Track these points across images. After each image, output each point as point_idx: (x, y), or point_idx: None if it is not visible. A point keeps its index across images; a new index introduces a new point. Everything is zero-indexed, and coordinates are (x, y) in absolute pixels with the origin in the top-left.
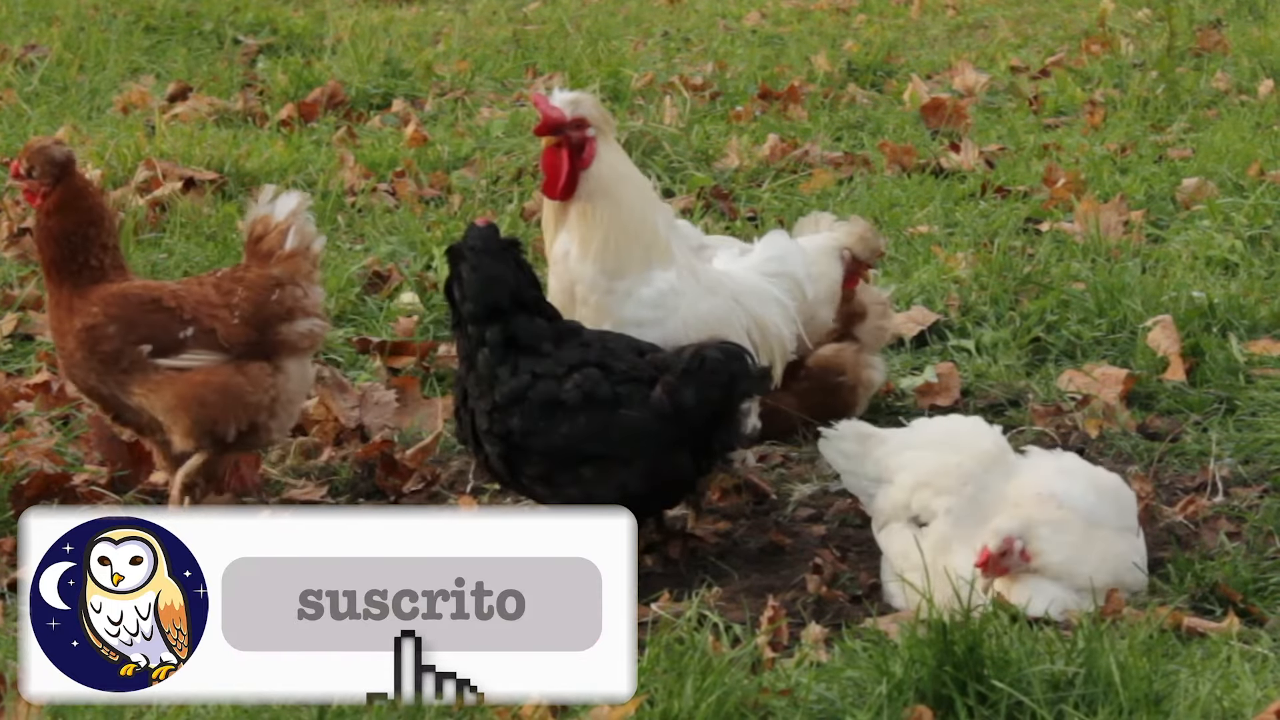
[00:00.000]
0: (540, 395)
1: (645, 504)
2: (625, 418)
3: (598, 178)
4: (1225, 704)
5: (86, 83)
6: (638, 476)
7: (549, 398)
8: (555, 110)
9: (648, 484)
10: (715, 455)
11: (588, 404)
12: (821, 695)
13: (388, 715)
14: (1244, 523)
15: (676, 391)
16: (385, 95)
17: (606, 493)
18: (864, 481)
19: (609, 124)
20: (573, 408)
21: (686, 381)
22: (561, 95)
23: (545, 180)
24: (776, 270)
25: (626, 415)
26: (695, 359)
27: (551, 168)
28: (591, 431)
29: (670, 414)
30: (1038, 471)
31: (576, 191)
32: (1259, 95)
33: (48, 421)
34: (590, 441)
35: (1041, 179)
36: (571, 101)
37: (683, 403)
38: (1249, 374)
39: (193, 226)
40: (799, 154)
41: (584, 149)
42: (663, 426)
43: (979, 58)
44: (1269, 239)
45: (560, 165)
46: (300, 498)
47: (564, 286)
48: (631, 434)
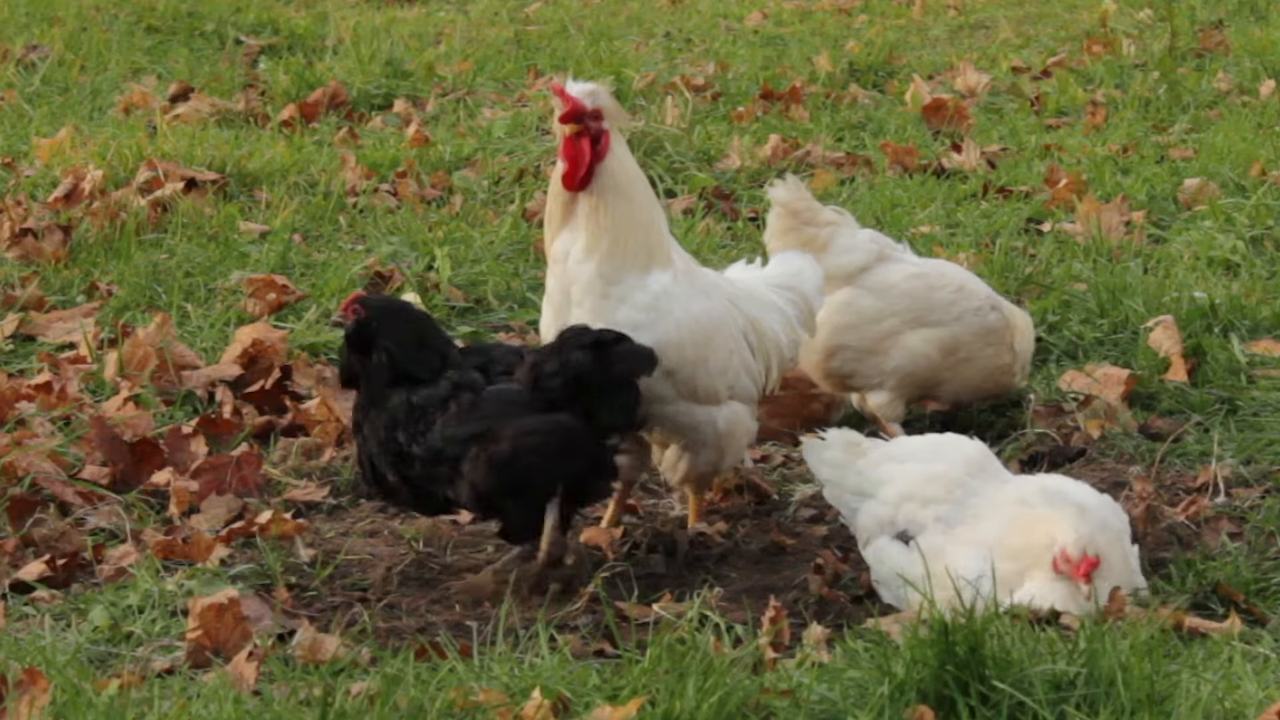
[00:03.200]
0: (421, 401)
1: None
2: (491, 392)
3: (610, 173)
4: (1227, 704)
5: (88, 83)
6: (514, 440)
7: (428, 402)
8: (579, 99)
9: (535, 450)
10: (610, 430)
11: (457, 392)
12: (823, 696)
13: (390, 716)
14: (1246, 523)
15: (537, 365)
16: (387, 96)
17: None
18: (846, 494)
19: (622, 116)
20: (444, 399)
21: (547, 354)
22: (579, 85)
23: (565, 170)
24: (786, 284)
25: (491, 390)
26: (559, 336)
27: (572, 157)
28: (461, 414)
29: (534, 383)
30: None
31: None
32: (1260, 96)
33: (49, 422)
34: (463, 424)
35: (1043, 179)
36: (589, 92)
37: (545, 371)
38: (1250, 374)
39: (194, 227)
40: (801, 154)
41: (601, 140)
42: (531, 396)
43: (980, 58)
44: (1270, 239)
45: (582, 154)
46: (301, 498)
47: (562, 287)
48: (500, 405)
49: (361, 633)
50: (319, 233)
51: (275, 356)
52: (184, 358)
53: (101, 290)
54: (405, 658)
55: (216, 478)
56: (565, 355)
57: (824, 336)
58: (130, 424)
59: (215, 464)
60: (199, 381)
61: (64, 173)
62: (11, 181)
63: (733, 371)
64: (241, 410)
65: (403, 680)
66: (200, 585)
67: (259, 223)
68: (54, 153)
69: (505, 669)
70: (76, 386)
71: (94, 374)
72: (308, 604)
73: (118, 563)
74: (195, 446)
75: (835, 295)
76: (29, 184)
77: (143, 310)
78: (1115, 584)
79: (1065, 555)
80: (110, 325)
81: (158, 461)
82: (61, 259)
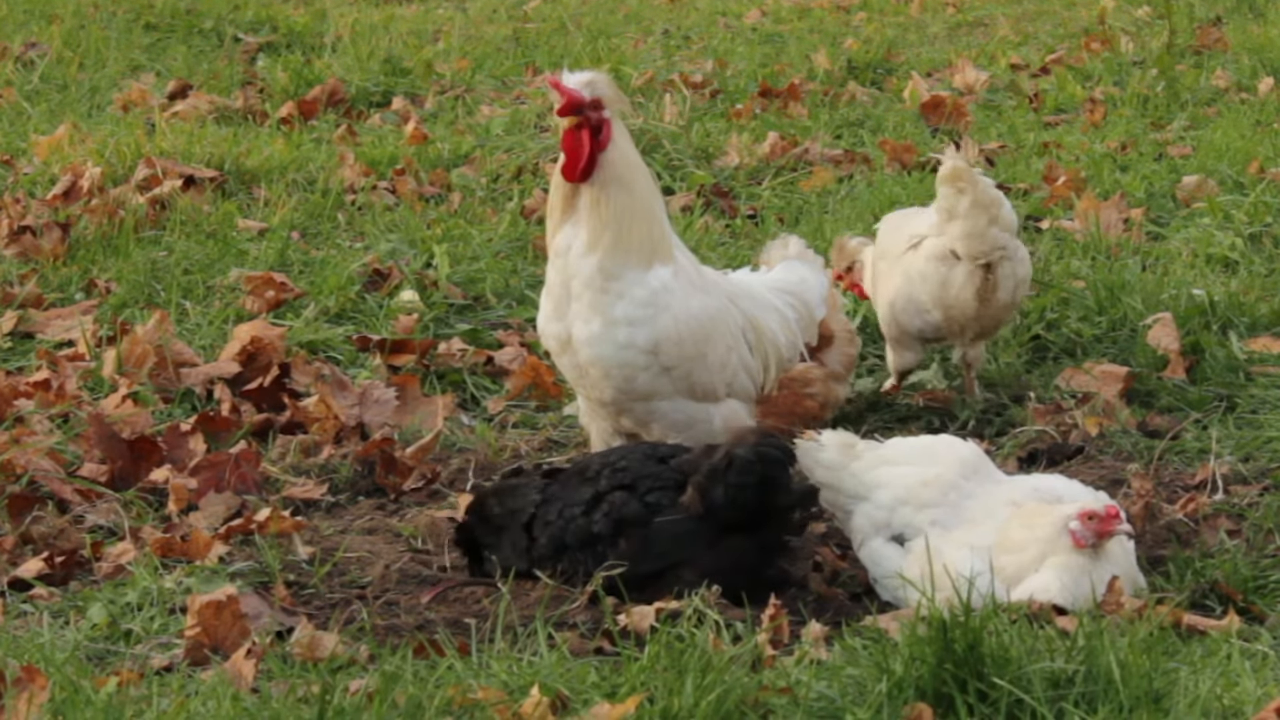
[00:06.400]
0: (576, 535)
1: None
2: (661, 526)
3: (611, 164)
4: (1225, 701)
5: (86, 80)
6: (698, 578)
7: (584, 535)
8: (575, 91)
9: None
10: (774, 552)
11: (621, 528)
12: (822, 693)
13: (389, 714)
14: (1244, 520)
15: (706, 491)
16: (385, 93)
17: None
18: (841, 497)
19: (623, 103)
20: (609, 536)
21: (715, 481)
22: (576, 76)
23: (565, 162)
24: (788, 290)
25: (661, 523)
26: (724, 459)
27: (572, 149)
28: (634, 552)
29: (704, 513)
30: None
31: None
32: (1259, 93)
33: (48, 420)
34: (640, 562)
35: (1041, 177)
36: (587, 82)
37: (714, 502)
38: (1249, 371)
39: (193, 224)
40: (799, 152)
41: (602, 130)
42: (700, 525)
43: (979, 55)
44: (1269, 236)
45: (581, 147)
46: (300, 496)
47: (563, 280)
48: (673, 540)
49: (360, 630)
50: (317, 230)
51: (274, 354)
52: (182, 355)
53: (100, 288)
54: (404, 655)
55: (215, 475)
56: (734, 490)
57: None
58: (129, 421)
59: (214, 461)
60: (197, 379)
61: (62, 170)
62: (10, 179)
63: (731, 369)
64: (240, 408)
65: (401, 678)
66: (199, 583)
67: (257, 220)
68: (52, 150)
69: (504, 666)
70: (75, 384)
71: (92, 371)
72: (306, 601)
73: (116, 560)
74: (194, 444)
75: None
76: (27, 181)
77: (141, 308)
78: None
79: (1087, 514)
80: (109, 323)
81: (156, 459)
82: (60, 256)
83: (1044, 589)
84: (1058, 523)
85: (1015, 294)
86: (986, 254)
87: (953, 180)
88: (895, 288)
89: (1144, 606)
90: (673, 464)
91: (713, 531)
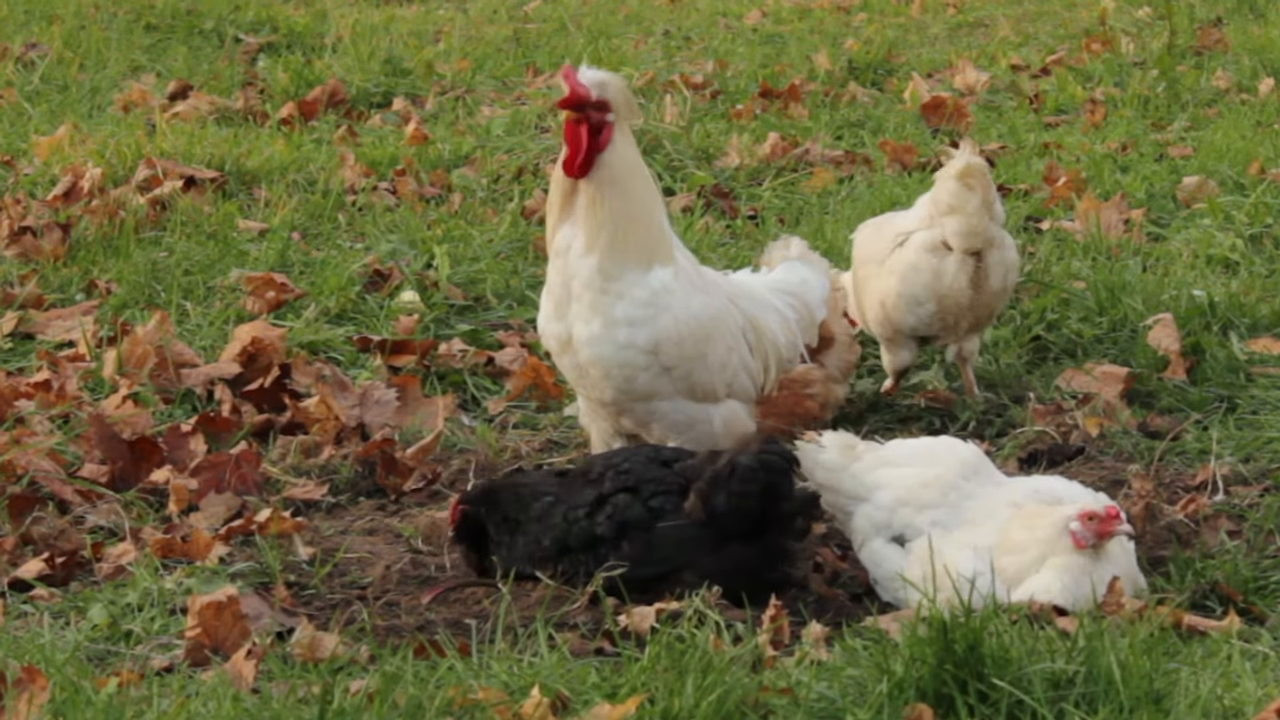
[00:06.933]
0: (578, 537)
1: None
2: (663, 531)
3: (609, 166)
4: (1226, 702)
5: (87, 81)
6: (700, 582)
7: (587, 536)
8: (582, 87)
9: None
10: (776, 556)
11: (624, 530)
12: (822, 694)
13: (389, 714)
14: (1244, 521)
15: (709, 498)
16: (386, 94)
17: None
18: (841, 498)
19: (632, 111)
20: (612, 538)
21: (717, 487)
22: (592, 74)
23: (565, 155)
24: (789, 291)
25: (664, 528)
26: (727, 466)
27: (573, 142)
28: (636, 555)
29: (707, 519)
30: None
31: (589, 176)
32: (1259, 94)
33: (48, 420)
34: (642, 565)
35: (1042, 177)
36: (600, 83)
37: (717, 508)
38: (1249, 372)
39: (193, 225)
40: (800, 152)
41: (601, 133)
42: (702, 531)
43: (980, 56)
44: (1269, 237)
45: (581, 140)
46: (300, 496)
47: (563, 280)
48: (675, 545)
49: (360, 631)
50: (318, 231)
51: (274, 354)
52: (183, 356)
53: (100, 288)
54: (404, 656)
55: (215, 476)
56: (737, 497)
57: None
58: (129, 422)
59: (214, 462)
60: (198, 379)
61: (63, 171)
62: (10, 179)
63: (731, 369)
64: (240, 408)
65: (401, 678)
66: (199, 583)
67: (258, 221)
68: (53, 151)
69: (504, 667)
70: (75, 384)
71: (93, 372)
72: (306, 602)
73: (116, 561)
74: (194, 444)
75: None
76: (28, 182)
77: (142, 308)
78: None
79: (1088, 514)
80: (109, 323)
81: (157, 459)
82: (60, 257)
83: (1044, 590)
84: (1058, 524)
85: (1006, 279)
86: (978, 245)
87: (965, 176)
88: (886, 286)
89: (1144, 607)
90: (676, 468)
91: (715, 537)
